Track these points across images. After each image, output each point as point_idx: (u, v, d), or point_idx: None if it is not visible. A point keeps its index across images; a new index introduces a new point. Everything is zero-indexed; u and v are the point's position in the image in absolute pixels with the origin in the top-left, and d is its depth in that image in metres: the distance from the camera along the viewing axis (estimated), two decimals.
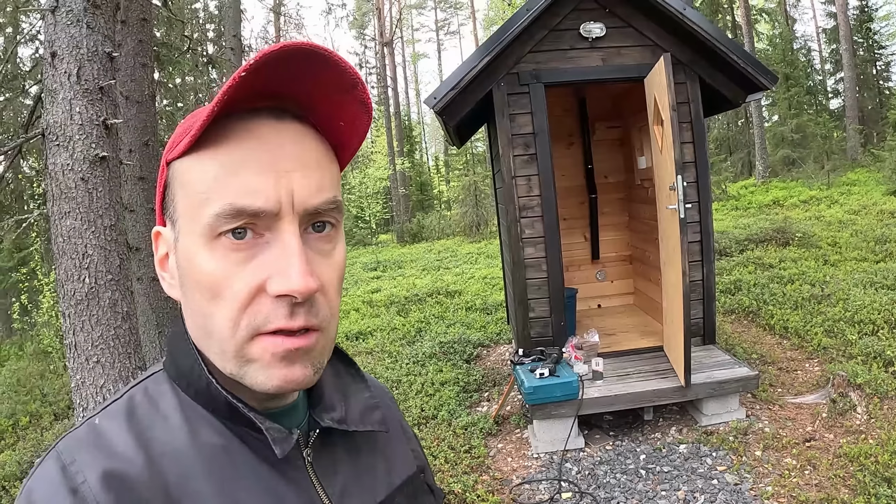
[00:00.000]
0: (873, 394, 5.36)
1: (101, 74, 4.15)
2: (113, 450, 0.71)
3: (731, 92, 5.97)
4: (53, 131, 4.00)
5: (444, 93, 5.58)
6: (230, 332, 0.71)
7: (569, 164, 8.27)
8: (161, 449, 0.72)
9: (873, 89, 30.76)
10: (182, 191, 0.74)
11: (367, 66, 45.90)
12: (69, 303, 3.98)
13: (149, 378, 0.82)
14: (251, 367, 0.72)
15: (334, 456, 0.88)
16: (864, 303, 7.41)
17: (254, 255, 0.71)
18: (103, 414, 0.76)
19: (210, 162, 0.71)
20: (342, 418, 0.88)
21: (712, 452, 4.88)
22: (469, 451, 5.30)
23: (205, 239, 0.71)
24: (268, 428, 0.75)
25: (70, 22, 4.03)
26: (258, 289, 0.70)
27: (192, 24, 19.42)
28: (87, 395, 4.03)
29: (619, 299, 8.52)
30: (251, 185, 0.70)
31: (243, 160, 0.70)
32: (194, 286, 0.73)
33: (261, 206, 0.70)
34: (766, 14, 32.13)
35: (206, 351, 0.77)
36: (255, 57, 0.66)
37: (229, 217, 0.69)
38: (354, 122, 0.80)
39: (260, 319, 0.71)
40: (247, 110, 0.72)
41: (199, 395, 0.77)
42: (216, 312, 0.72)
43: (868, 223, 13.10)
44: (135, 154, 7.05)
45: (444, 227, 26.16)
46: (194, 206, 0.72)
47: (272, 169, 0.71)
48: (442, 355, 7.90)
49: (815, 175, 21.20)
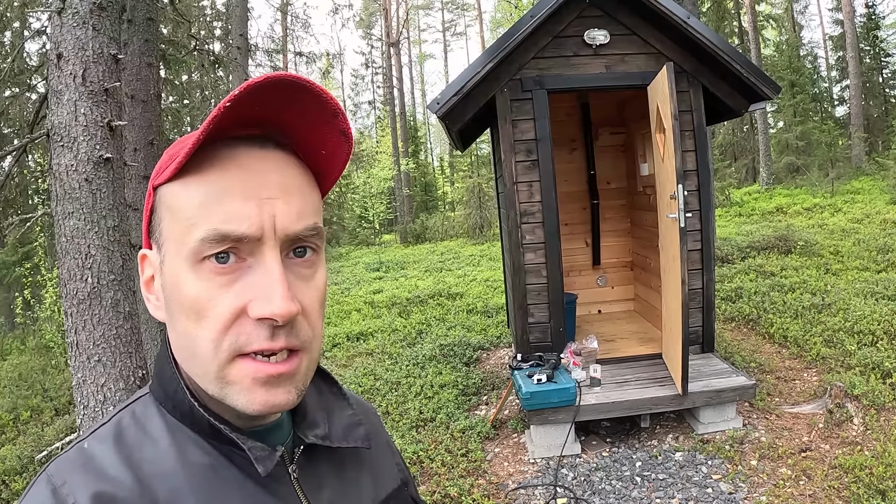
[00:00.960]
0: (870, 405, 5.37)
1: (107, 76, 4.18)
2: (102, 472, 0.73)
3: (734, 101, 5.98)
4: (58, 132, 4.03)
5: (447, 98, 5.59)
6: (212, 353, 0.73)
7: (571, 170, 8.28)
8: (150, 470, 0.74)
9: (879, 97, 30.69)
10: (168, 215, 0.76)
11: (373, 66, 46.05)
12: (72, 302, 4.01)
13: (136, 401, 0.84)
14: (232, 389, 0.74)
15: (319, 471, 0.90)
16: (864, 313, 7.42)
17: (236, 278, 0.74)
18: (92, 437, 0.78)
19: (196, 188, 0.74)
20: (326, 435, 0.91)
21: (708, 461, 4.90)
22: (466, 454, 5.32)
23: (190, 263, 0.73)
24: (250, 448, 0.77)
25: (76, 24, 4.06)
26: (240, 311, 0.73)
27: (199, 21, 19.44)
28: (88, 393, 4.06)
29: (619, 305, 8.54)
30: (235, 212, 0.72)
31: (228, 187, 0.73)
32: (179, 308, 0.75)
33: (244, 232, 0.72)
34: (773, 20, 32.13)
35: (190, 372, 0.79)
36: (240, 88, 0.68)
37: (213, 242, 0.72)
38: (335, 151, 0.82)
39: (242, 340, 0.73)
40: (231, 137, 0.75)
41: (185, 417, 0.79)
42: (200, 334, 0.74)
43: (871, 232, 13.10)
44: (140, 153, 7.08)
45: (448, 228, 26.19)
46: (180, 230, 0.74)
47: (255, 196, 0.73)
48: (442, 358, 7.92)
49: (819, 182, 21.20)
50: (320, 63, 33.12)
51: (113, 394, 4.08)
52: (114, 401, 4.08)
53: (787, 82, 23.56)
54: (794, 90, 24.66)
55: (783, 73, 24.80)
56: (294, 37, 31.93)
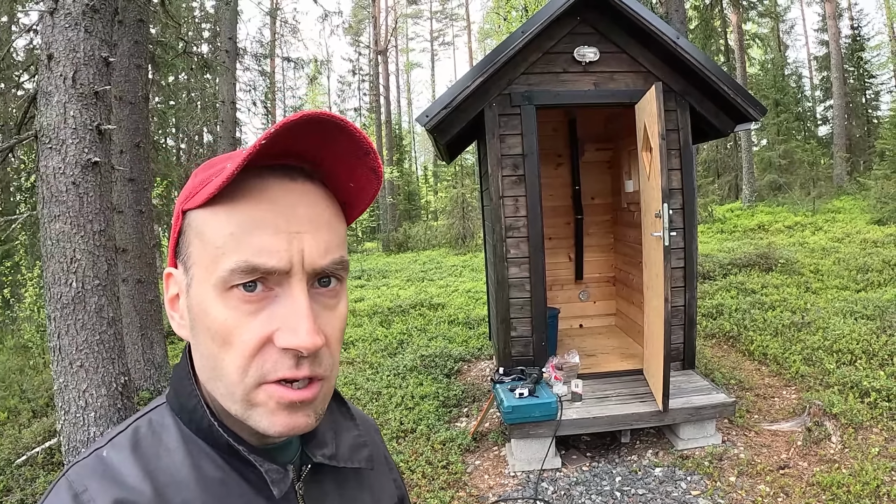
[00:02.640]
0: (848, 424, 5.43)
1: (97, 79, 4.17)
2: (122, 480, 0.75)
3: (720, 121, 6.05)
4: (47, 134, 4.02)
5: (436, 111, 5.62)
6: (238, 378, 0.75)
7: (556, 184, 8.32)
8: (166, 480, 0.76)
9: (862, 118, 31.06)
10: (197, 241, 0.78)
11: (360, 73, 45.96)
12: (55, 306, 3.99)
13: (153, 410, 0.86)
14: (256, 411, 0.77)
15: (324, 489, 0.93)
16: (843, 332, 7.50)
17: (263, 307, 0.75)
18: (110, 445, 0.80)
19: (226, 218, 0.75)
20: (333, 455, 0.93)
21: (687, 476, 4.93)
22: (446, 466, 5.32)
23: (218, 290, 0.75)
24: (267, 470, 0.80)
25: (68, 25, 4.05)
26: (266, 339, 0.75)
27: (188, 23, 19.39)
28: (70, 398, 4.04)
29: (600, 320, 8.58)
30: (265, 245, 0.74)
31: (258, 220, 0.75)
32: (205, 332, 0.77)
33: (274, 266, 0.74)
34: (760, 39, 32.36)
35: (214, 391, 0.80)
36: (277, 125, 0.70)
37: (243, 273, 0.74)
38: (364, 187, 0.85)
39: (267, 368, 0.75)
40: (261, 166, 0.77)
41: (201, 431, 0.82)
42: (226, 358, 0.76)
43: (851, 251, 13.21)
44: (126, 155, 7.06)
45: (431, 237, 26.15)
46: (210, 258, 0.76)
47: (285, 230, 0.75)
48: (423, 368, 7.92)
49: (801, 201, 21.39)
50: (308, 69, 33.13)
51: (95, 400, 4.06)
52: (95, 407, 4.06)
53: (771, 101, 23.79)
54: (779, 109, 24.88)
55: (768, 91, 25.03)
56: (282, 41, 31.79)
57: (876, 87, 31.91)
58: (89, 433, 4.10)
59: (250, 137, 49.25)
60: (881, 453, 4.98)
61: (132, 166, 7.11)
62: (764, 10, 28.63)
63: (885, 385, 5.94)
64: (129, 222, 7.11)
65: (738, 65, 26.08)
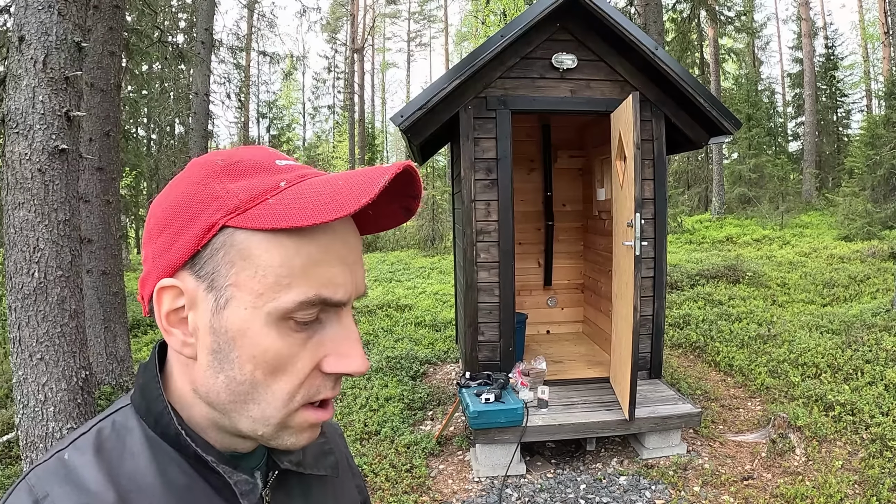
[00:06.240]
0: (812, 436, 5.48)
1: (68, 64, 4.09)
2: (84, 485, 0.72)
3: (695, 133, 6.08)
4: (14, 118, 3.93)
5: (410, 112, 5.58)
6: (284, 404, 0.76)
7: (528, 190, 8.32)
8: (129, 485, 0.73)
9: (832, 135, 31.51)
10: (245, 264, 0.72)
11: (335, 71, 45.87)
12: (16, 296, 3.91)
13: (117, 412, 0.82)
14: (287, 431, 0.78)
15: (289, 495, 0.92)
16: (808, 346, 7.58)
17: (311, 335, 0.76)
18: (72, 448, 0.77)
19: (294, 248, 0.72)
20: (300, 461, 0.92)
21: (652, 486, 4.94)
22: (410, 470, 5.28)
23: (273, 318, 0.73)
24: (236, 482, 0.78)
25: (41, 7, 3.97)
26: (317, 366, 0.77)
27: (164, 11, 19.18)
28: (29, 392, 3.96)
29: (568, 326, 8.60)
30: (333, 278, 0.75)
31: (324, 252, 0.74)
32: (248, 360, 0.74)
33: (340, 299, 0.75)
34: (735, 54, 32.76)
35: (230, 413, 0.77)
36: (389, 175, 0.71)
37: (311, 305, 0.73)
38: (389, 221, 0.89)
39: (312, 391, 0.77)
40: None
41: (167, 436, 0.79)
42: (272, 385, 0.75)
43: (817, 266, 13.39)
44: (95, 144, 6.94)
45: (399, 238, 26.05)
46: (265, 285, 0.72)
47: (346, 262, 0.77)
48: (388, 370, 7.87)
49: (770, 215, 21.66)
50: (283, 64, 32.99)
51: (55, 394, 3.98)
52: (55, 401, 3.98)
53: (744, 115, 23.99)
54: (751, 123, 25.12)
55: (741, 105, 25.27)
56: (259, 35, 31.66)
57: (847, 105, 32.47)
58: (48, 428, 4.01)
59: (223, 130, 48.73)
60: (844, 466, 5.03)
61: (101, 155, 6.98)
62: (741, 25, 28.98)
63: (850, 399, 6.00)
64: (95, 212, 6.98)
65: (713, 78, 26.37)
